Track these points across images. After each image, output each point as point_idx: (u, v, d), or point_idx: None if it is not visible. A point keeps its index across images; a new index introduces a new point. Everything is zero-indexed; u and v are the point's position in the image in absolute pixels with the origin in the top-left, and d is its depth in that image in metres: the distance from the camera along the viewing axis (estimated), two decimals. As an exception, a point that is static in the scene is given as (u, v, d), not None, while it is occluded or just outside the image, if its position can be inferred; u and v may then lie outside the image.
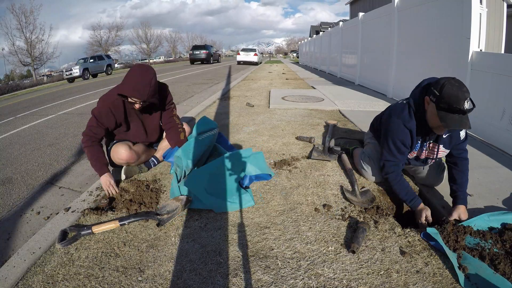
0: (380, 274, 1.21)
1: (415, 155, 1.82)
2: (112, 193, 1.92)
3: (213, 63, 23.95)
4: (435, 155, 1.73)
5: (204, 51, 23.42)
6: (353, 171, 2.10)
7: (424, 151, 1.77)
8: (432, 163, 1.85)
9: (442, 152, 1.71)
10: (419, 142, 1.73)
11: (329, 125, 3.29)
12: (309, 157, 2.48)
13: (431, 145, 1.73)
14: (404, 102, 1.74)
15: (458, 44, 3.40)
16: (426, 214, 1.55)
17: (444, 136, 1.66)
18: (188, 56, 23.80)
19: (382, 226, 1.53)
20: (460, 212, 1.53)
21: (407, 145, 1.69)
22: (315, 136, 3.01)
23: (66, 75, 17.62)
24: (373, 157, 2.03)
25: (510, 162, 2.31)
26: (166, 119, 2.29)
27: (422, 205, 1.62)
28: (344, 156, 2.32)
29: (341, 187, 1.93)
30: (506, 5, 6.70)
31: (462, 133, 1.69)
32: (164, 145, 2.35)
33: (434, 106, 1.50)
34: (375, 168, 1.98)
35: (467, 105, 1.43)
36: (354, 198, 1.78)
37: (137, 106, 2.01)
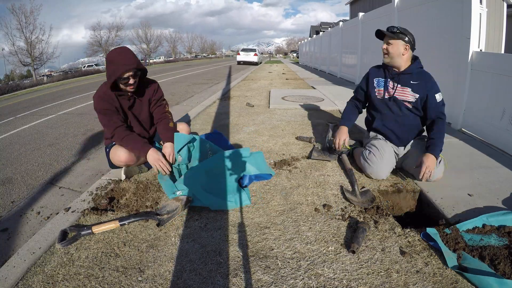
0: (380, 274, 1.21)
1: (382, 93, 2.16)
2: (165, 171, 1.95)
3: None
4: (395, 92, 2.10)
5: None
6: (353, 170, 2.10)
7: (390, 89, 2.13)
8: (405, 109, 2.10)
9: (408, 94, 2.06)
10: (380, 79, 2.19)
11: (329, 125, 3.29)
12: (309, 157, 2.47)
13: (395, 85, 2.10)
14: None
15: (458, 44, 3.40)
16: (340, 137, 2.28)
17: (412, 82, 2.04)
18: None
19: (382, 226, 1.53)
20: (427, 160, 1.81)
21: (362, 82, 2.36)
22: (315, 136, 3.01)
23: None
24: (376, 152, 2.04)
25: (510, 162, 2.30)
26: (158, 116, 2.26)
27: (343, 128, 2.33)
28: (344, 156, 2.32)
29: (341, 187, 1.93)
30: (506, 5, 6.70)
31: (438, 96, 2.01)
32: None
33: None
34: (380, 164, 2.00)
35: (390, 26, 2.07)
36: (354, 198, 1.78)
37: (131, 82, 1.96)
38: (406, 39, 1.99)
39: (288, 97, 5.52)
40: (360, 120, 3.70)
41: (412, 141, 2.15)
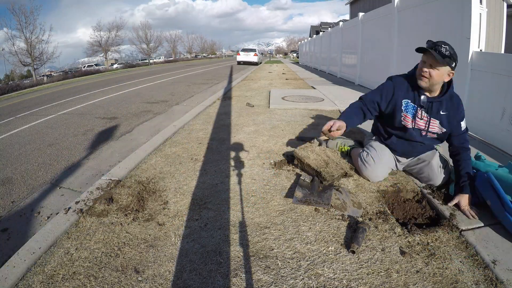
0: (380, 274, 1.21)
1: (410, 121, 1.88)
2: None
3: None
4: (427, 126, 1.86)
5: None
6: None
7: (417, 120, 1.87)
8: (429, 144, 1.96)
9: (436, 127, 1.85)
10: (409, 103, 1.86)
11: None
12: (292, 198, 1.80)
13: (424, 116, 1.85)
14: None
15: (458, 44, 3.40)
16: (333, 123, 1.77)
17: (441, 113, 1.81)
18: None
19: (382, 226, 1.53)
20: (461, 200, 1.65)
21: (384, 92, 1.93)
22: (315, 137, 3.00)
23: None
24: (374, 155, 2.02)
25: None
26: None
27: (341, 122, 1.81)
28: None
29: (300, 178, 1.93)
30: (506, 5, 6.69)
31: (463, 124, 1.84)
32: None
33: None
34: (377, 167, 1.99)
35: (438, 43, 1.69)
36: (301, 194, 1.74)
37: None
38: (453, 65, 1.69)
39: (288, 97, 5.52)
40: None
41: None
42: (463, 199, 1.65)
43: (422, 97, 1.82)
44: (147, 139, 3.47)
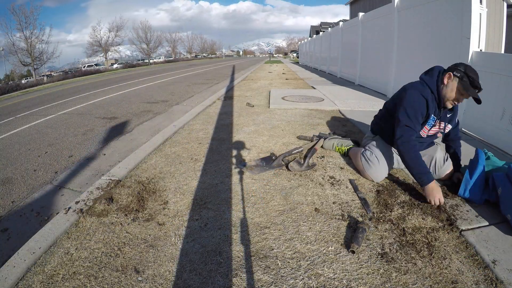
0: (380, 274, 1.21)
1: (427, 131, 1.96)
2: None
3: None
4: (443, 130, 1.99)
5: None
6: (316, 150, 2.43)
7: (433, 128, 1.97)
8: (433, 142, 2.09)
9: (448, 128, 2.00)
10: (433, 118, 1.90)
11: (318, 138, 2.81)
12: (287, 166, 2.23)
13: (437, 122, 1.95)
14: (417, 81, 1.96)
15: (458, 44, 3.40)
16: (437, 196, 1.66)
17: (447, 116, 1.96)
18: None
19: (382, 226, 1.53)
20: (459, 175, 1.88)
21: (423, 114, 1.87)
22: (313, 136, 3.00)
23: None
24: (378, 154, 2.02)
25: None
26: None
27: (434, 183, 1.70)
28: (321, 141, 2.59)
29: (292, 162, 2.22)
30: (506, 5, 6.69)
31: (457, 118, 2.06)
32: None
33: (458, 80, 1.78)
34: (381, 166, 1.99)
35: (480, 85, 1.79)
36: (298, 168, 2.15)
37: None
38: None
39: (288, 97, 5.52)
40: (360, 120, 3.71)
41: None
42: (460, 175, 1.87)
43: (443, 111, 1.92)
44: (147, 139, 3.47)
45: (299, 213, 1.66)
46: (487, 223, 1.53)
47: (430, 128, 1.96)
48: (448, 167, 1.98)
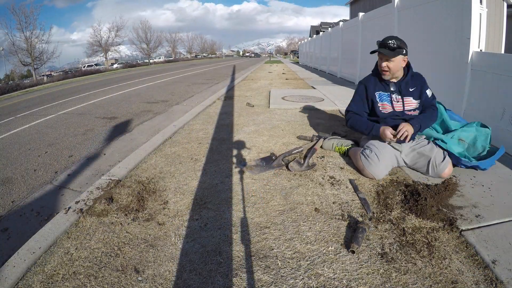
0: (380, 274, 1.21)
1: (389, 108, 2.16)
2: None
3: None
4: (403, 105, 2.15)
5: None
6: (316, 149, 2.47)
7: (395, 103, 2.15)
8: (407, 114, 2.19)
9: (412, 103, 2.16)
10: (382, 94, 2.17)
11: (318, 137, 2.82)
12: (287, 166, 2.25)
13: (398, 98, 2.16)
14: None
15: (458, 44, 3.40)
16: (387, 131, 2.00)
17: (410, 90, 2.15)
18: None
19: (382, 226, 1.53)
20: (404, 125, 1.99)
21: (361, 96, 2.25)
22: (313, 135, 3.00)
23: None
24: (378, 152, 2.04)
25: (511, 162, 2.31)
26: None
27: (382, 127, 2.05)
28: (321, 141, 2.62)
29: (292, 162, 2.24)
30: (506, 5, 6.69)
31: (429, 92, 2.20)
32: None
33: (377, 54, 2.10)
34: (381, 163, 2.01)
35: (382, 41, 2.10)
36: (298, 168, 2.17)
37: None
38: (404, 51, 2.04)
39: (288, 97, 5.52)
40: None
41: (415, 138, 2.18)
42: (405, 124, 1.99)
43: (390, 84, 2.16)
44: (147, 139, 3.47)
45: (299, 213, 1.66)
46: (487, 223, 1.53)
47: (392, 104, 2.15)
48: (445, 166, 1.97)
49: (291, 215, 1.64)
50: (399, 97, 2.15)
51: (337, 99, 5.17)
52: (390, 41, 2.02)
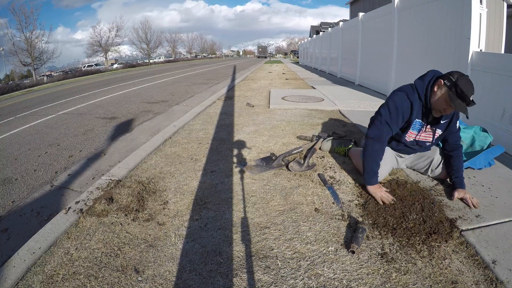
0: (380, 274, 1.21)
1: (414, 136, 1.90)
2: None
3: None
4: (433, 138, 1.90)
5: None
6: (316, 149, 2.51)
7: (422, 133, 1.89)
8: (429, 147, 2.01)
9: (437, 134, 1.89)
10: (419, 122, 1.84)
11: (318, 137, 2.83)
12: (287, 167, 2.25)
13: (427, 128, 1.87)
14: (408, 84, 1.88)
15: (458, 44, 3.40)
16: (381, 195, 1.75)
17: (442, 122, 1.84)
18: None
19: (381, 226, 1.53)
20: (462, 193, 1.75)
21: (403, 114, 1.81)
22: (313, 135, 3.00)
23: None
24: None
25: (510, 162, 2.30)
26: None
27: (378, 185, 1.82)
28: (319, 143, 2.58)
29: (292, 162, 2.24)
30: (506, 5, 6.69)
31: (458, 123, 1.92)
32: None
33: (446, 90, 1.68)
34: (382, 163, 1.97)
35: (472, 98, 1.68)
36: (298, 168, 2.18)
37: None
38: None
39: (288, 97, 5.52)
40: (360, 120, 3.71)
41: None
42: (465, 193, 1.76)
43: (431, 117, 1.83)
44: (147, 139, 3.47)
45: (299, 213, 1.66)
46: (487, 223, 1.53)
47: (418, 133, 1.88)
48: (438, 171, 2.00)
49: (291, 215, 1.64)
50: (429, 127, 1.86)
51: (337, 99, 5.17)
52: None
